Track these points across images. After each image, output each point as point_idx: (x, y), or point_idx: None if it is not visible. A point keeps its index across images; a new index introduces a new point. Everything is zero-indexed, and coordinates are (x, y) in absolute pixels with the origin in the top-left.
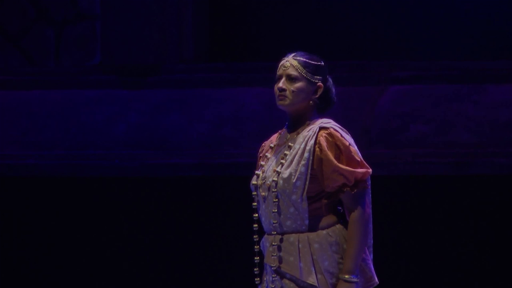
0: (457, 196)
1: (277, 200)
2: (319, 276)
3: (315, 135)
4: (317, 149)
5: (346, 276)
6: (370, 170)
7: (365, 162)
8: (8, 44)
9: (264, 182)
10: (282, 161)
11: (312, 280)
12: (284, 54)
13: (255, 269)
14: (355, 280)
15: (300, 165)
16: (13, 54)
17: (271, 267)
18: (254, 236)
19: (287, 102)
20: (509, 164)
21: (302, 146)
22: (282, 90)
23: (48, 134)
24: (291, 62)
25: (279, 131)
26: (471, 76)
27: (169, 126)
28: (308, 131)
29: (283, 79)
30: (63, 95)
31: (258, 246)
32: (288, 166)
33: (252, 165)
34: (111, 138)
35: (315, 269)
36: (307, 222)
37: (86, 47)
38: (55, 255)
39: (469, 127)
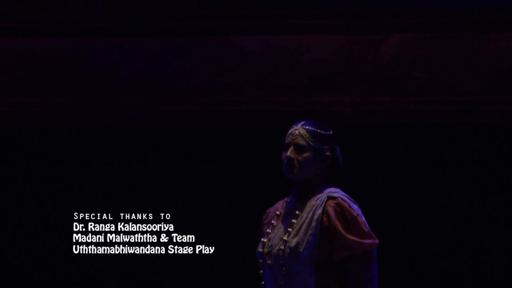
0: (460, 144)
1: (283, 268)
2: None
3: (323, 204)
4: (324, 218)
5: None
6: (377, 241)
7: (372, 233)
8: None
9: (271, 250)
10: (289, 229)
11: None
12: None
13: None
14: None
15: (308, 234)
16: (16, 1)
17: None
18: None
19: (294, 171)
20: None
21: (310, 215)
22: (290, 159)
23: (50, 82)
24: (299, 131)
25: (285, 198)
26: (474, 24)
27: (172, 73)
28: (315, 200)
29: (291, 148)
30: (65, 43)
31: None
32: (295, 235)
33: (254, 112)
34: (114, 86)
35: None
36: None
37: None
38: (58, 203)
39: (471, 75)
